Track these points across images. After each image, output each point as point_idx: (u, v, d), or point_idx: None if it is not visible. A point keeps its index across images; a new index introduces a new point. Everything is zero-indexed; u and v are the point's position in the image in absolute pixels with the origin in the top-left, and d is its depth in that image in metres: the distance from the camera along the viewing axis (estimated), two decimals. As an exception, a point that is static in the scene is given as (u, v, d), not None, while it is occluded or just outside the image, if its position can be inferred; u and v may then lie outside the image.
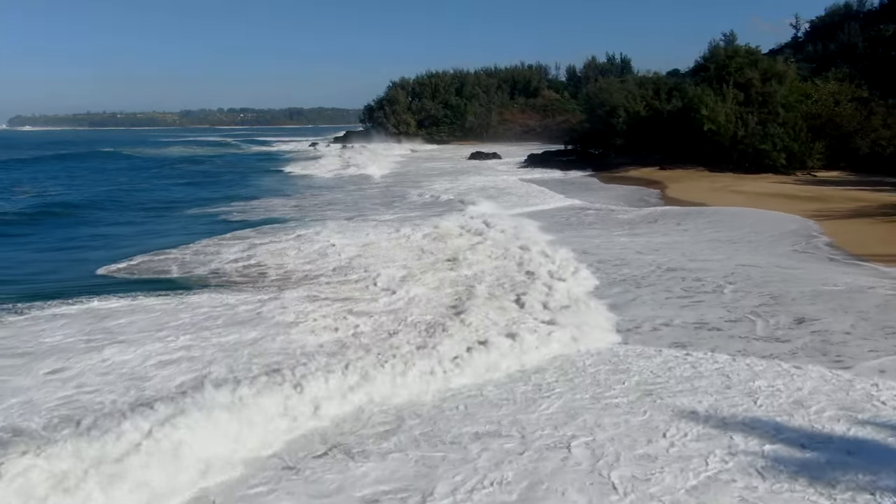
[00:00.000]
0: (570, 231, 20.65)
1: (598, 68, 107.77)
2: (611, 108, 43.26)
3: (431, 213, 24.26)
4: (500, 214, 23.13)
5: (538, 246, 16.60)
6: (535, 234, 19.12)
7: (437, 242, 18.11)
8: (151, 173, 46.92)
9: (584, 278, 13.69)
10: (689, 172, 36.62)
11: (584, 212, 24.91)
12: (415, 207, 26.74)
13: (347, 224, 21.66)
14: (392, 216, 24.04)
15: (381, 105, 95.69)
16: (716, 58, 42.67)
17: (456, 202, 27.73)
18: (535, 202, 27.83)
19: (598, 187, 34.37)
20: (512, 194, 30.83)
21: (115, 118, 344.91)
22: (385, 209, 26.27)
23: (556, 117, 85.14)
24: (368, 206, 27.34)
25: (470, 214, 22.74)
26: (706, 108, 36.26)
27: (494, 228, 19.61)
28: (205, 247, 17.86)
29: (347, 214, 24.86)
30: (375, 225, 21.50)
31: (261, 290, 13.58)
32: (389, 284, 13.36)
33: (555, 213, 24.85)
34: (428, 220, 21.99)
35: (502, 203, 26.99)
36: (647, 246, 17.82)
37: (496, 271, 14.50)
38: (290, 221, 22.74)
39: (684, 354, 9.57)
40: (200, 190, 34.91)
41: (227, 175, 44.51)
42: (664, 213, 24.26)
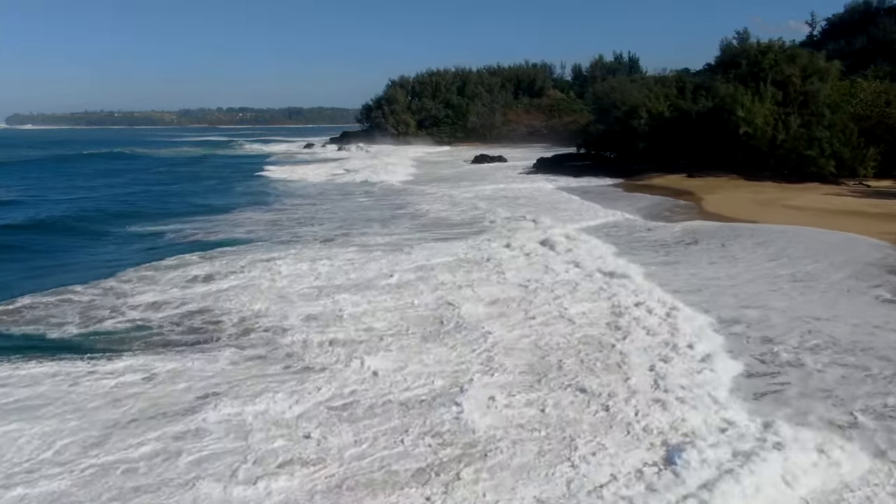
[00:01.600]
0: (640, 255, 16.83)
1: (604, 67, 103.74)
2: (630, 109, 39.17)
3: (438, 236, 20.22)
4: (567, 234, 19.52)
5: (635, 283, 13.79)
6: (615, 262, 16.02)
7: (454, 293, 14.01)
8: (129, 178, 42.83)
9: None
10: (723, 181, 32.56)
11: (632, 230, 20.83)
12: (420, 227, 22.62)
13: (325, 250, 17.64)
14: (387, 237, 19.97)
15: (380, 104, 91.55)
16: (747, 53, 38.61)
17: (472, 220, 23.74)
18: (573, 215, 23.82)
19: (616, 196, 30.30)
20: (544, 205, 26.80)
21: (112, 117, 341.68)
22: (380, 227, 22.18)
23: (562, 118, 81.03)
24: (359, 222, 23.27)
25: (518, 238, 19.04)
26: (742, 108, 32.19)
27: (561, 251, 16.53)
28: (123, 282, 13.83)
29: (331, 232, 20.83)
30: (362, 253, 17.45)
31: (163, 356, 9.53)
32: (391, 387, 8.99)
33: (606, 229, 20.99)
34: (432, 247, 18.00)
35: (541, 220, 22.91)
36: (690, 283, 14.06)
37: (578, 331, 10.74)
38: (255, 244, 18.76)
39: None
40: (169, 198, 30.87)
41: (209, 180, 40.46)
42: (704, 232, 20.22)
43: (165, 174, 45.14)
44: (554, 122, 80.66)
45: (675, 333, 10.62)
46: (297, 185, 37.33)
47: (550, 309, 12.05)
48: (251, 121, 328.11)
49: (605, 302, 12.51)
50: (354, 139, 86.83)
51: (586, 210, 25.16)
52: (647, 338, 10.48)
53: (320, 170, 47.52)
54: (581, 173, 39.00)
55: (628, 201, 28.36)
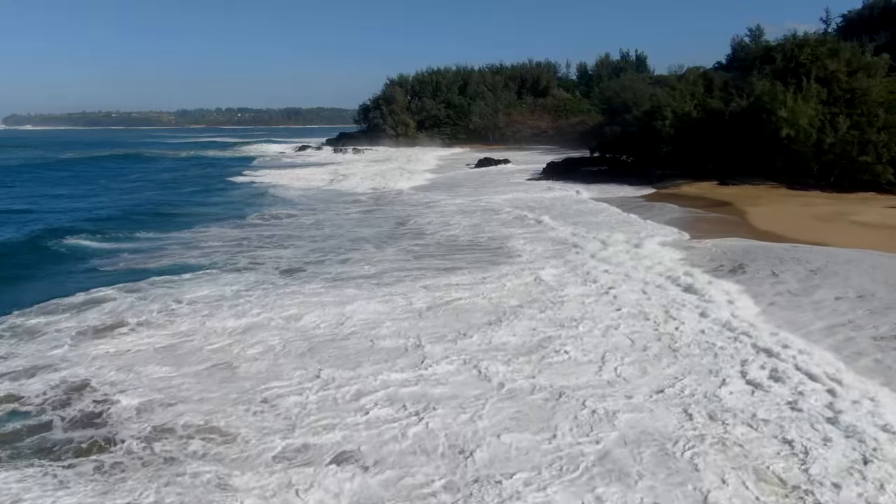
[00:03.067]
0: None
1: (611, 66, 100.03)
2: (652, 109, 35.46)
3: (449, 265, 16.52)
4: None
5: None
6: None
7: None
8: (100, 185, 39.09)
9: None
10: (762, 190, 28.86)
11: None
12: (425, 251, 18.88)
13: (269, 295, 13.81)
14: (376, 266, 16.26)
15: (378, 105, 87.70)
16: (782, 47, 34.91)
17: (489, 242, 20.02)
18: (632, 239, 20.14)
19: (645, 206, 26.58)
20: (596, 225, 23.04)
21: (109, 117, 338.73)
22: (374, 249, 18.47)
23: (569, 119, 77.32)
24: (345, 243, 19.54)
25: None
26: (784, 108, 28.45)
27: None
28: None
29: (302, 258, 17.12)
30: (327, 294, 13.75)
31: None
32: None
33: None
34: (447, 285, 14.27)
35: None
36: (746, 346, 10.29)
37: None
38: (202, 273, 15.23)
39: None
40: (136, 208, 27.11)
41: (189, 187, 36.71)
42: (758, 256, 16.54)
43: (142, 180, 41.40)
44: (560, 123, 76.96)
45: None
46: (283, 192, 33.61)
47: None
48: (250, 121, 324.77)
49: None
50: (351, 141, 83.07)
51: (638, 226, 21.28)
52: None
53: (312, 175, 43.78)
54: (598, 180, 35.28)
55: (660, 213, 24.66)
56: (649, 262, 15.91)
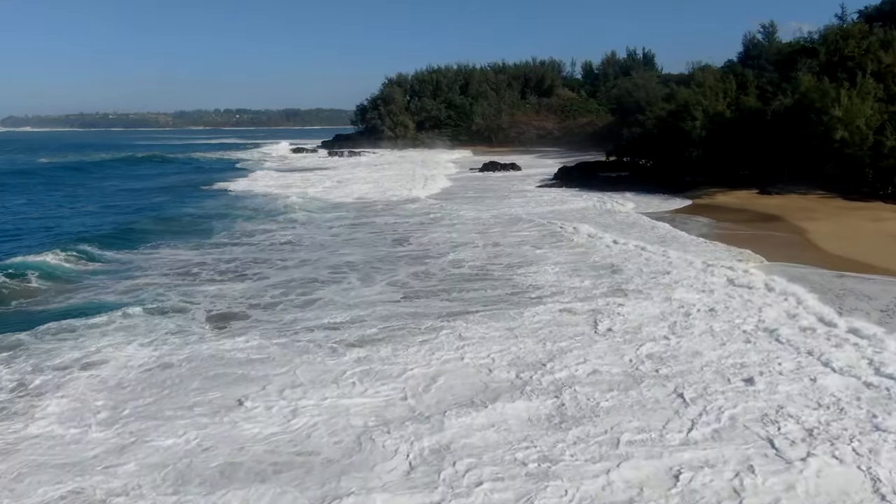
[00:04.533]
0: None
1: (618, 65, 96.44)
2: (679, 108, 31.81)
3: (468, 306, 12.90)
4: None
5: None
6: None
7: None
8: (66, 191, 35.44)
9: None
10: (813, 200, 25.24)
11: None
12: (424, 285, 15.24)
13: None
14: (351, 311, 12.60)
15: (376, 104, 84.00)
16: (825, 39, 31.34)
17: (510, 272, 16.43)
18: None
19: (680, 220, 22.97)
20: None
21: (107, 119, 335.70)
22: (357, 282, 14.84)
23: (576, 119, 73.72)
24: (322, 271, 15.88)
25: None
26: (839, 106, 24.83)
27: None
28: None
29: (256, 297, 13.49)
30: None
31: None
32: None
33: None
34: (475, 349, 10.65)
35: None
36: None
37: None
38: (120, 312, 11.67)
39: None
40: (90, 218, 23.45)
41: (160, 195, 32.99)
42: (854, 292, 12.98)
43: (112, 189, 37.73)
44: (567, 123, 73.35)
45: None
46: (264, 202, 29.95)
47: None
48: (248, 122, 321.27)
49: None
50: (347, 143, 79.46)
51: (699, 249, 17.43)
52: None
53: (301, 180, 40.14)
54: (618, 187, 31.65)
55: (707, 229, 21.03)
56: (773, 309, 12.15)
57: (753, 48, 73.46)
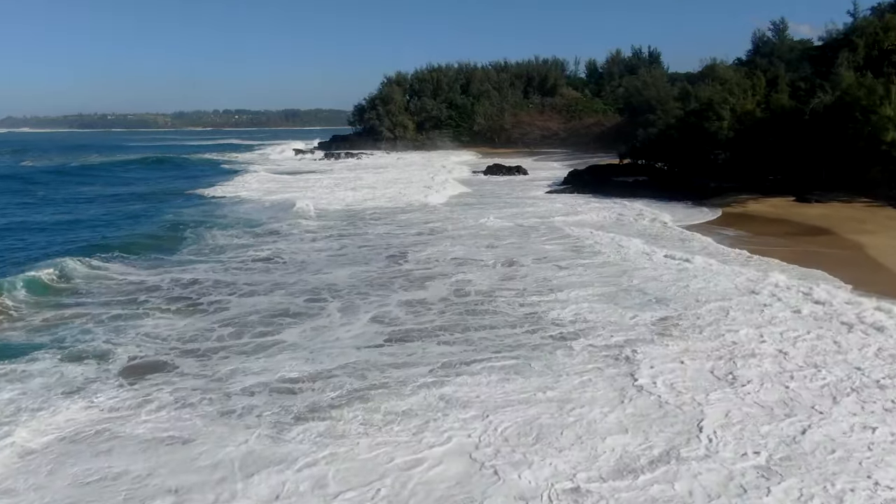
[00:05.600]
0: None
1: (623, 63, 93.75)
2: (703, 107, 29.11)
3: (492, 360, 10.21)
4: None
5: None
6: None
7: None
8: (36, 198, 32.68)
9: None
10: (861, 210, 22.55)
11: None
12: (419, 320, 12.55)
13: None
14: (315, 363, 9.88)
15: (374, 104, 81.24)
16: (863, 31, 28.69)
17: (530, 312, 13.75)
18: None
19: (715, 233, 20.31)
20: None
21: (105, 119, 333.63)
22: (340, 318, 12.11)
23: (582, 119, 71.03)
24: (293, 302, 13.14)
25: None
26: (889, 105, 22.16)
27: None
28: None
29: (206, 334, 10.80)
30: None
31: None
32: None
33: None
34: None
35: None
36: None
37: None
38: (26, 357, 9.47)
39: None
40: (37, 236, 20.64)
41: (136, 203, 30.27)
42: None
43: (92, 192, 35.06)
44: (573, 124, 70.66)
45: None
46: (248, 209, 27.24)
47: None
48: (247, 123, 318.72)
49: None
50: (344, 145, 76.75)
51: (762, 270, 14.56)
52: None
53: (292, 185, 37.45)
54: (637, 193, 28.87)
55: (751, 243, 18.32)
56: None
57: (763, 45, 70.95)
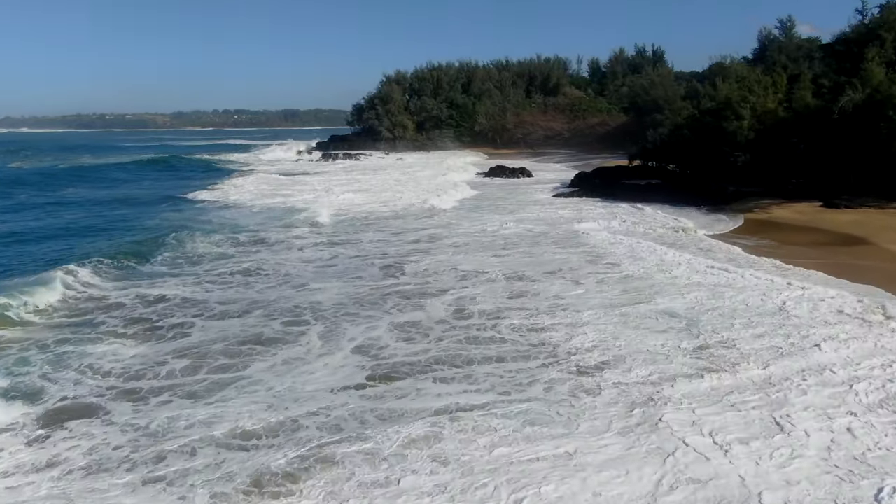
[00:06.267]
0: None
1: (626, 62, 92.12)
2: (720, 105, 27.39)
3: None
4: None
5: None
6: None
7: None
8: (8, 203, 30.80)
9: None
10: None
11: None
12: (412, 348, 10.86)
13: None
14: (280, 411, 8.16)
15: (373, 104, 79.51)
16: (890, 25, 27.01)
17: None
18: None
19: (740, 242, 18.62)
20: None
21: (104, 119, 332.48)
22: (319, 345, 10.37)
23: (586, 119, 69.29)
24: (268, 325, 11.39)
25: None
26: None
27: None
28: None
29: (157, 368, 9.03)
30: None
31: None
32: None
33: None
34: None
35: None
36: None
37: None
38: None
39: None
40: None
41: (119, 208, 28.50)
42: None
43: (74, 196, 33.37)
44: (577, 124, 68.91)
45: None
46: (235, 214, 25.53)
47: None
48: (247, 123, 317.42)
49: None
50: (342, 145, 75.02)
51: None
52: None
53: (286, 187, 35.76)
54: (649, 197, 27.16)
55: (781, 254, 16.61)
56: None
57: (770, 43, 69.25)
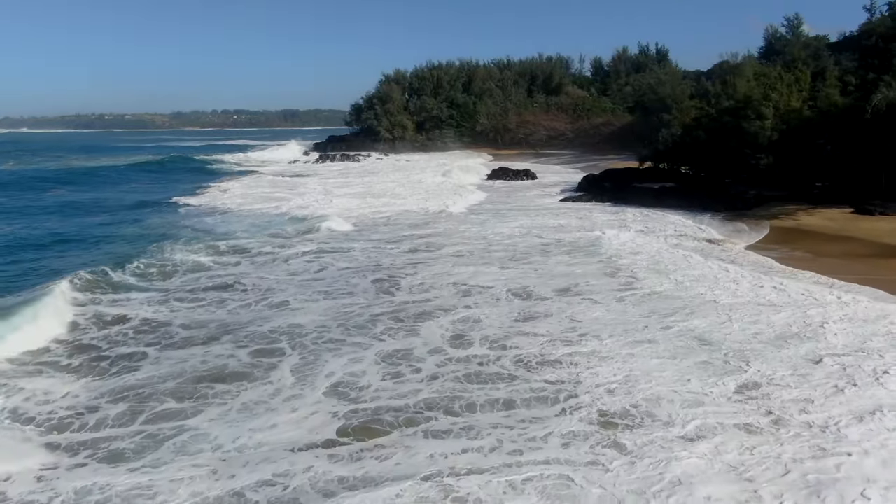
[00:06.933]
0: None
1: (629, 61, 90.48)
2: (740, 104, 25.71)
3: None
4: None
5: None
6: None
7: None
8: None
9: None
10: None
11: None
12: (401, 390, 9.26)
13: None
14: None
15: (372, 104, 77.77)
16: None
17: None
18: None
19: (758, 248, 17.00)
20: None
21: (102, 120, 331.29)
22: (290, 390, 8.74)
23: (590, 119, 67.56)
24: (227, 361, 9.73)
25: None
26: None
27: None
28: None
29: (78, 420, 7.38)
30: None
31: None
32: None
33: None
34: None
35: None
36: None
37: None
38: None
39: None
40: None
41: (99, 214, 26.83)
42: None
43: (53, 200, 31.70)
44: (581, 124, 67.14)
45: None
46: (219, 221, 23.88)
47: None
48: (246, 123, 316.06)
49: None
50: (340, 146, 73.29)
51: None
52: None
53: (280, 191, 34.08)
54: (664, 202, 25.47)
55: (820, 269, 14.95)
56: None
57: (776, 42, 67.58)
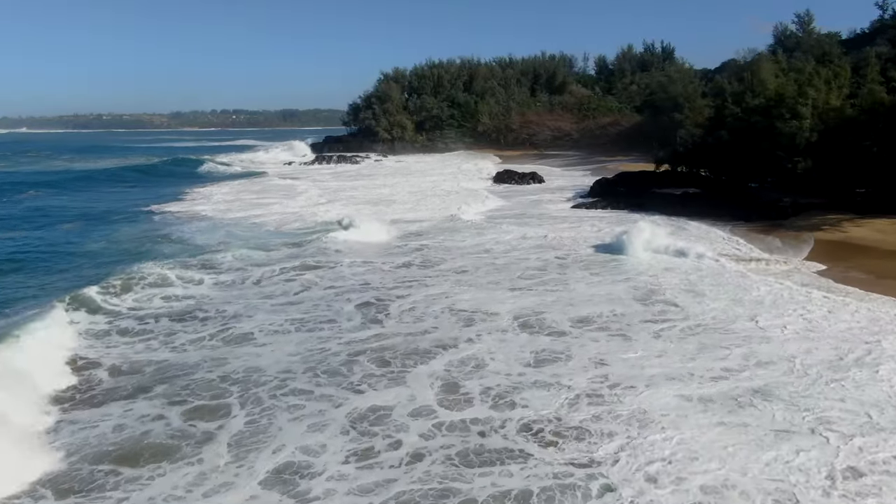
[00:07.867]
0: None
1: (634, 60, 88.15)
2: (769, 103, 23.31)
3: None
4: None
5: None
6: None
7: None
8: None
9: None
10: None
11: None
12: (384, 477, 6.79)
13: None
14: None
15: (370, 103, 75.33)
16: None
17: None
18: None
19: (801, 265, 14.66)
20: None
21: (101, 120, 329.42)
22: (220, 479, 6.39)
23: (596, 119, 65.14)
24: (171, 418, 7.42)
25: None
26: None
27: None
28: None
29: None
30: None
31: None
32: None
33: None
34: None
35: None
36: None
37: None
38: None
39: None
40: None
41: (70, 221, 24.47)
42: None
43: (21, 206, 29.37)
44: (587, 124, 64.68)
45: None
46: (195, 230, 21.51)
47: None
48: (245, 123, 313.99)
49: None
50: (337, 147, 70.85)
51: None
52: None
53: (268, 196, 31.74)
54: (687, 209, 23.06)
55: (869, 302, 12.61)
56: None
57: (787, 39, 65.32)
